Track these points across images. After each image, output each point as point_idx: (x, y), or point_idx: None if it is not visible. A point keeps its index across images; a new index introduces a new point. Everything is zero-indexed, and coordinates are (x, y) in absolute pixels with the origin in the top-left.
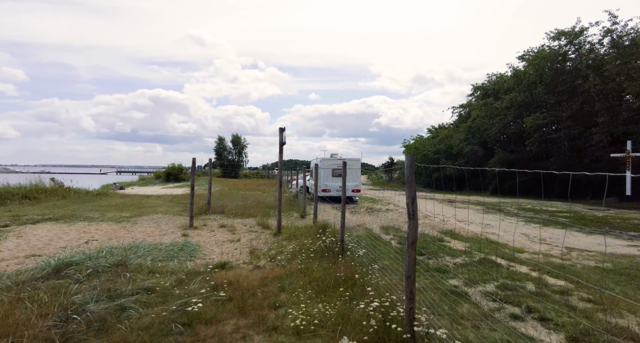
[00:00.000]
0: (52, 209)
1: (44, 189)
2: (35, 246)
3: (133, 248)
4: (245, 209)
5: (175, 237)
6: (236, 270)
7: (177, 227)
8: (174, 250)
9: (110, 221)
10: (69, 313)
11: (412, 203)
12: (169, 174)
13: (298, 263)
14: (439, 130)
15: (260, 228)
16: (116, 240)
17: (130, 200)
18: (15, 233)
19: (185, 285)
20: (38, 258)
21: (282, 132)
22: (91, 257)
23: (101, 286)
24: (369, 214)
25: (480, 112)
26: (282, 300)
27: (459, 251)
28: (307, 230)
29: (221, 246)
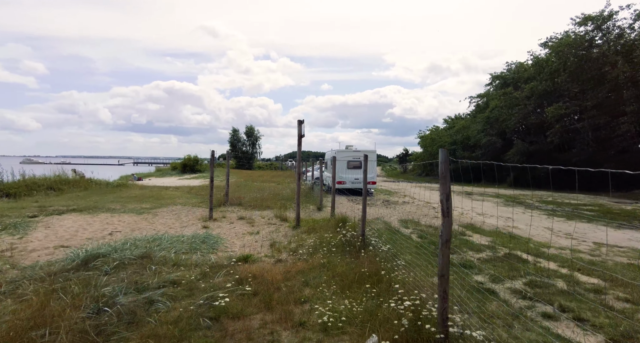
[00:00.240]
0: (76, 200)
1: (67, 180)
2: (63, 237)
3: (156, 240)
4: (262, 201)
5: (196, 229)
6: (259, 263)
7: (197, 219)
8: (196, 242)
9: (131, 213)
10: (100, 306)
11: (446, 199)
12: (185, 166)
13: (320, 257)
14: (455, 120)
15: (278, 220)
16: (138, 231)
17: (150, 192)
18: (43, 224)
19: (210, 278)
20: (67, 250)
21: (301, 124)
22: (117, 249)
23: (128, 279)
24: (386, 207)
25: (499, 102)
26: (306, 295)
27: (482, 245)
28: (325, 223)
29: (241, 238)
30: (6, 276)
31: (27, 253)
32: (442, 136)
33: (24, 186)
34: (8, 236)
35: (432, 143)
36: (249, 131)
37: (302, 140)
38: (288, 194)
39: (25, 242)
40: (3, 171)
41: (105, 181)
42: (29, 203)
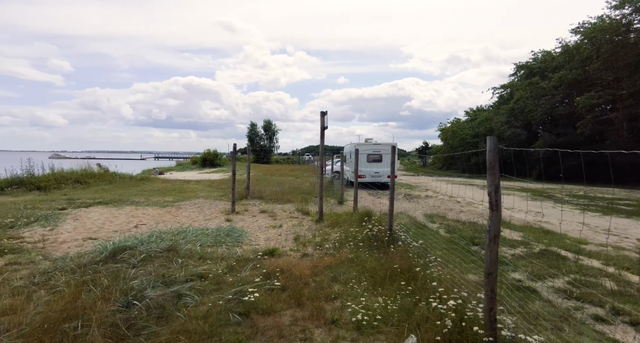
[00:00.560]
0: (101, 193)
1: (93, 174)
2: (91, 229)
3: (181, 233)
4: (282, 195)
5: (220, 222)
6: (285, 257)
7: (220, 212)
8: (220, 235)
9: (155, 206)
10: (129, 299)
11: (495, 192)
12: (204, 160)
13: (347, 252)
14: (477, 112)
15: (300, 214)
16: (163, 224)
17: (172, 185)
18: (72, 216)
19: (237, 272)
20: (95, 242)
21: (324, 116)
22: (143, 242)
23: (155, 272)
24: (409, 201)
25: (525, 92)
26: (336, 290)
27: (515, 241)
28: (348, 216)
29: (265, 232)
30: (39, 267)
31: (57, 245)
32: (464, 128)
33: (54, 179)
34: (40, 228)
35: (454, 136)
36: (266, 125)
37: (324, 132)
38: (308, 188)
39: (55, 234)
40: (34, 166)
41: (128, 174)
42: (58, 195)
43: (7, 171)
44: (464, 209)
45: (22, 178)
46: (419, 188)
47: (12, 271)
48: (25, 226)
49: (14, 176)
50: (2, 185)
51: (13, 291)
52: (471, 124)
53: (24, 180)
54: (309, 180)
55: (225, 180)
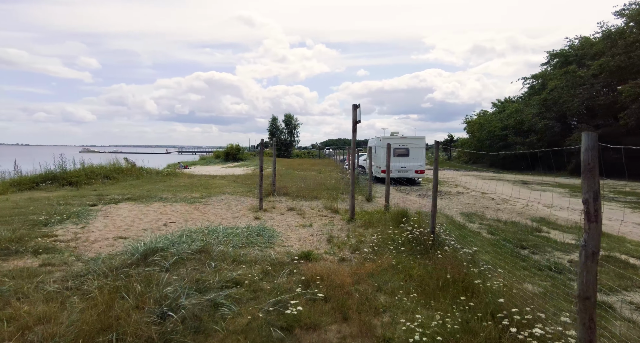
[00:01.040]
0: (130, 189)
1: (121, 169)
2: (120, 227)
3: (212, 233)
4: (308, 191)
5: (249, 220)
6: (321, 261)
7: (248, 209)
8: (251, 235)
9: (183, 202)
10: (164, 309)
11: (594, 199)
12: (227, 154)
13: (388, 258)
14: (505, 104)
15: (329, 212)
16: (192, 222)
17: (198, 180)
18: (102, 213)
19: (273, 278)
20: (125, 241)
21: (357, 109)
22: (174, 243)
23: (189, 277)
24: (440, 197)
25: (559, 82)
26: (383, 302)
27: (568, 245)
28: (380, 215)
29: (295, 231)
30: (72, 269)
31: (89, 244)
32: (492, 120)
33: (84, 175)
34: (72, 225)
35: (481, 129)
36: (287, 119)
37: (356, 126)
38: (333, 184)
39: (87, 232)
40: (66, 161)
41: (155, 169)
42: (88, 191)
43: (42, 167)
44: (501, 207)
45: (55, 173)
46: (448, 183)
47: (46, 273)
48: (58, 224)
49: (47, 172)
50: (37, 180)
51: (47, 297)
52: (499, 117)
53: (56, 175)
54: (333, 175)
55: (249, 175)
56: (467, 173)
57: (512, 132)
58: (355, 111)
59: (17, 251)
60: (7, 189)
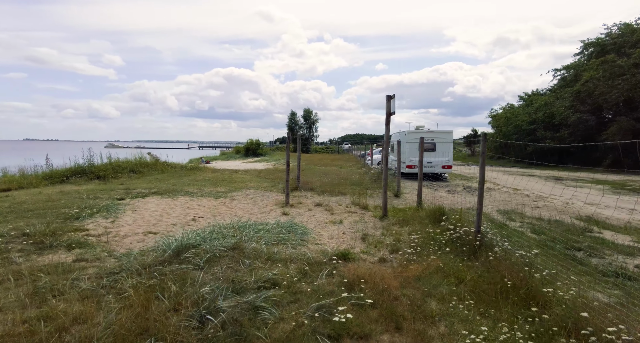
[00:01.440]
0: (155, 183)
1: (146, 163)
2: (150, 222)
3: (241, 228)
4: (332, 186)
5: (276, 216)
6: (359, 262)
7: (274, 204)
8: (282, 231)
9: (209, 196)
10: (202, 312)
11: None
12: (247, 149)
13: (434, 259)
14: (533, 97)
15: (357, 208)
16: (220, 217)
17: (221, 175)
18: (130, 207)
19: (312, 279)
20: (155, 237)
21: (390, 100)
22: (206, 239)
23: (224, 276)
24: (472, 194)
25: (596, 72)
26: (435, 310)
27: (628, 247)
28: (413, 212)
29: (325, 228)
30: (105, 266)
31: (120, 239)
32: (519, 114)
33: (111, 169)
34: (102, 219)
35: (507, 123)
36: (306, 114)
37: (390, 118)
38: (357, 179)
39: (117, 226)
40: (94, 155)
41: (179, 164)
42: (115, 185)
43: (71, 161)
44: (538, 204)
45: (84, 167)
46: (475, 179)
47: (80, 269)
48: (89, 218)
49: (77, 166)
50: (67, 174)
51: (82, 295)
52: (527, 110)
53: (85, 169)
54: (356, 171)
55: (270, 170)
56: (494, 169)
57: (541, 126)
58: (390, 102)
59: (51, 246)
60: (40, 182)
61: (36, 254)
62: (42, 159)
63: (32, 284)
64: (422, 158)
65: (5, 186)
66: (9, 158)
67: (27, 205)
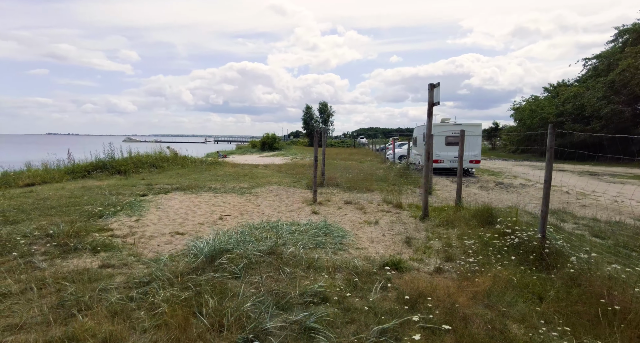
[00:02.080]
0: (177, 178)
1: (167, 158)
2: (175, 220)
3: (273, 229)
4: (358, 182)
5: (306, 214)
6: (412, 271)
7: (301, 201)
8: (318, 233)
9: (233, 193)
10: (248, 336)
11: None
12: (264, 143)
13: (500, 271)
14: (559, 88)
15: (391, 207)
16: (247, 215)
17: (242, 170)
18: (154, 204)
19: (364, 293)
20: (183, 238)
21: (434, 88)
22: (239, 242)
23: (265, 287)
24: (506, 190)
25: (633, 60)
26: (522, 337)
27: None
28: (454, 212)
29: (362, 230)
30: (133, 273)
31: (146, 241)
32: (545, 106)
33: (132, 163)
34: (126, 217)
35: (532, 115)
36: (322, 107)
37: (433, 109)
38: (382, 175)
39: (142, 226)
40: (114, 150)
41: (199, 158)
42: (137, 180)
43: (92, 155)
44: (585, 202)
45: (105, 161)
46: (504, 174)
47: (107, 277)
48: (112, 216)
49: (98, 160)
50: (89, 169)
51: (111, 310)
52: (554, 102)
53: (106, 164)
54: (378, 165)
55: (289, 165)
56: (520, 163)
57: (569, 118)
58: (432, 91)
59: (75, 248)
60: (63, 177)
61: (60, 258)
62: (64, 153)
63: (57, 295)
64: (462, 152)
65: (30, 180)
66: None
67: (51, 202)
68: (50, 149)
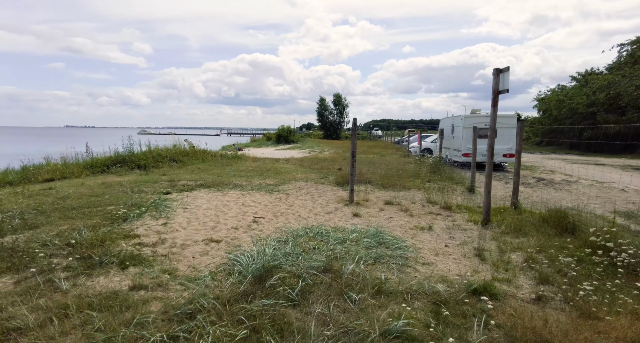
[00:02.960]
0: (199, 174)
1: (186, 152)
2: (206, 224)
3: (318, 236)
4: (390, 179)
5: (345, 217)
6: (510, 300)
7: (336, 201)
8: (370, 243)
9: (260, 190)
10: None
11: None
12: (279, 136)
13: (628, 304)
14: (588, 77)
15: (437, 208)
16: (282, 217)
17: (264, 164)
18: (179, 203)
19: (460, 331)
20: (219, 247)
21: (500, 74)
22: (286, 255)
23: (334, 322)
24: (553, 188)
25: None
26: None
27: None
28: (514, 215)
29: (417, 237)
30: (171, 298)
31: (179, 250)
32: (574, 96)
33: (151, 158)
34: (152, 220)
35: (559, 106)
36: (336, 99)
37: (498, 97)
38: (413, 170)
39: (170, 230)
40: (133, 143)
41: (219, 152)
42: (158, 175)
43: (110, 149)
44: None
45: (124, 155)
46: (538, 168)
47: (140, 303)
48: (137, 218)
49: (117, 154)
50: (108, 163)
51: None
52: (585, 91)
53: (125, 158)
54: (402, 159)
55: (310, 159)
56: (548, 156)
57: (602, 109)
58: (498, 76)
59: (101, 263)
60: (82, 172)
61: (85, 275)
62: (82, 146)
63: (82, 331)
64: (520, 147)
65: (49, 176)
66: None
67: (71, 201)
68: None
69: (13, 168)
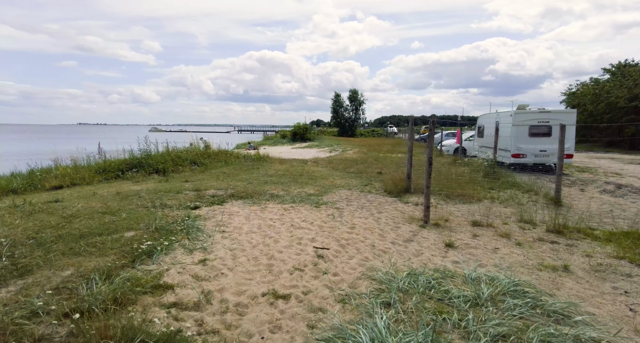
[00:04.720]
0: (225, 180)
1: (207, 153)
2: (258, 261)
3: (428, 291)
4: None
5: (435, 247)
6: None
7: (405, 220)
8: (517, 306)
9: (304, 203)
10: None
11: None
12: (295, 134)
13: None
14: (625, 69)
15: (543, 231)
16: (351, 248)
17: (292, 167)
18: (214, 223)
19: None
20: (289, 307)
21: None
22: (405, 335)
23: None
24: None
25: None
26: None
27: None
28: None
29: (562, 288)
30: None
31: (235, 319)
32: (611, 90)
33: (170, 161)
34: (186, 254)
35: (595, 100)
36: (352, 95)
37: None
38: (466, 174)
39: (213, 275)
40: (150, 144)
41: (241, 153)
42: (179, 182)
43: (125, 151)
44: None
45: (140, 159)
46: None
47: None
48: (165, 253)
49: (132, 157)
50: (122, 167)
51: None
52: (624, 83)
53: (142, 162)
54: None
55: (337, 159)
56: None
57: None
58: None
59: None
60: (94, 177)
61: None
62: (94, 145)
63: None
64: None
65: (57, 182)
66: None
67: (80, 223)
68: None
69: (20, 172)
